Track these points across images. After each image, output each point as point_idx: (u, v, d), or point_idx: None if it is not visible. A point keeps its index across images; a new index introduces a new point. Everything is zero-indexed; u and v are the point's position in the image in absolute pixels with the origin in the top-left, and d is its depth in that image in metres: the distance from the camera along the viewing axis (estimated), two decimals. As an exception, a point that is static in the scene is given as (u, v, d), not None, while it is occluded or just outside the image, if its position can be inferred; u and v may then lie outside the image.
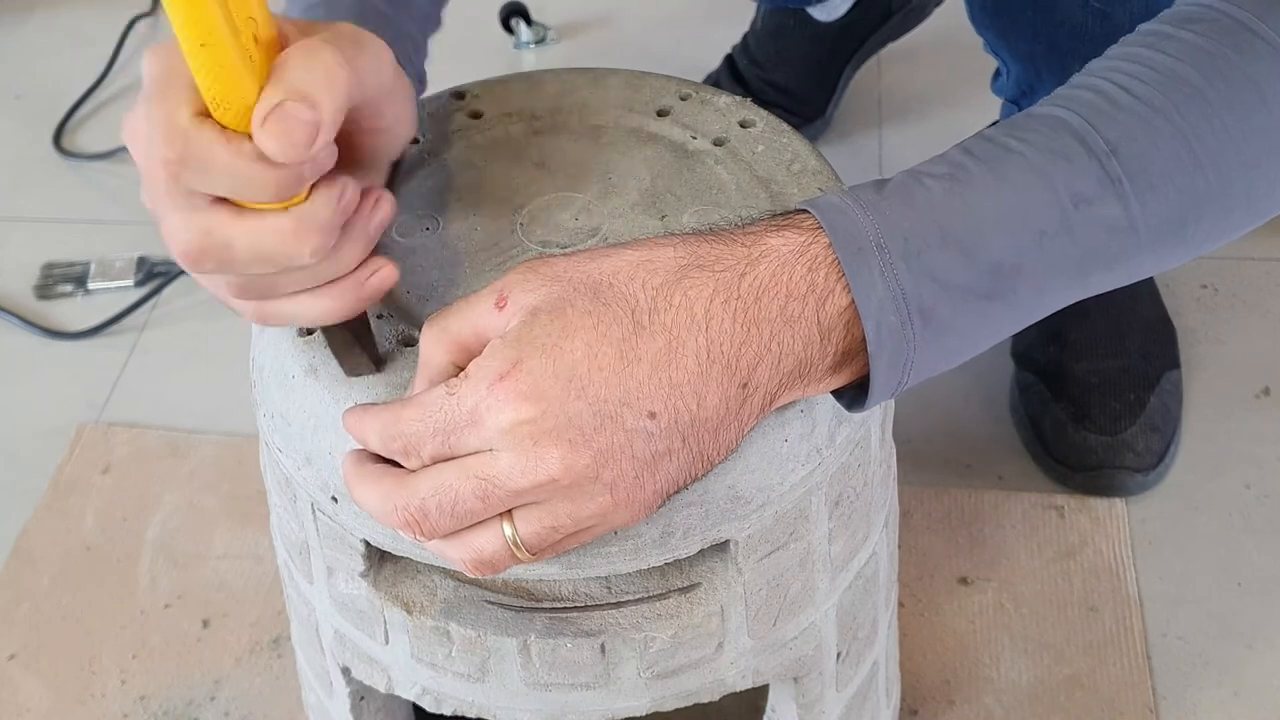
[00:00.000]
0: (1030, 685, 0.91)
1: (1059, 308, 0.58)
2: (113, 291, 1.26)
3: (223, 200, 0.53)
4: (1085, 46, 0.78)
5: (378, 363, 0.61)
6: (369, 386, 0.60)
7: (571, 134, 0.73)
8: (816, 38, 1.32)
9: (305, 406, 0.61)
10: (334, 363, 0.61)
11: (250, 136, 0.52)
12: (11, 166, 1.43)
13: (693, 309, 0.53)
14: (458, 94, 0.75)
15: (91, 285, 1.27)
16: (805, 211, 0.56)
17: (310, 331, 0.63)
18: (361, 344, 0.61)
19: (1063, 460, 1.03)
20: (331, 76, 0.53)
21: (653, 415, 0.53)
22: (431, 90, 0.75)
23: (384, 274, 0.58)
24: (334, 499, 0.62)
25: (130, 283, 1.27)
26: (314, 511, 0.64)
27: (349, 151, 0.58)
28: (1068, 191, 0.55)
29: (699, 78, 1.36)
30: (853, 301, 0.53)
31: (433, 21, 0.74)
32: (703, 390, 0.53)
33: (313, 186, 0.54)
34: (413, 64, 0.68)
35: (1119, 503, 1.01)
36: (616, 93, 0.74)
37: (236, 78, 0.51)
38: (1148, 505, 1.02)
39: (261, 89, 0.52)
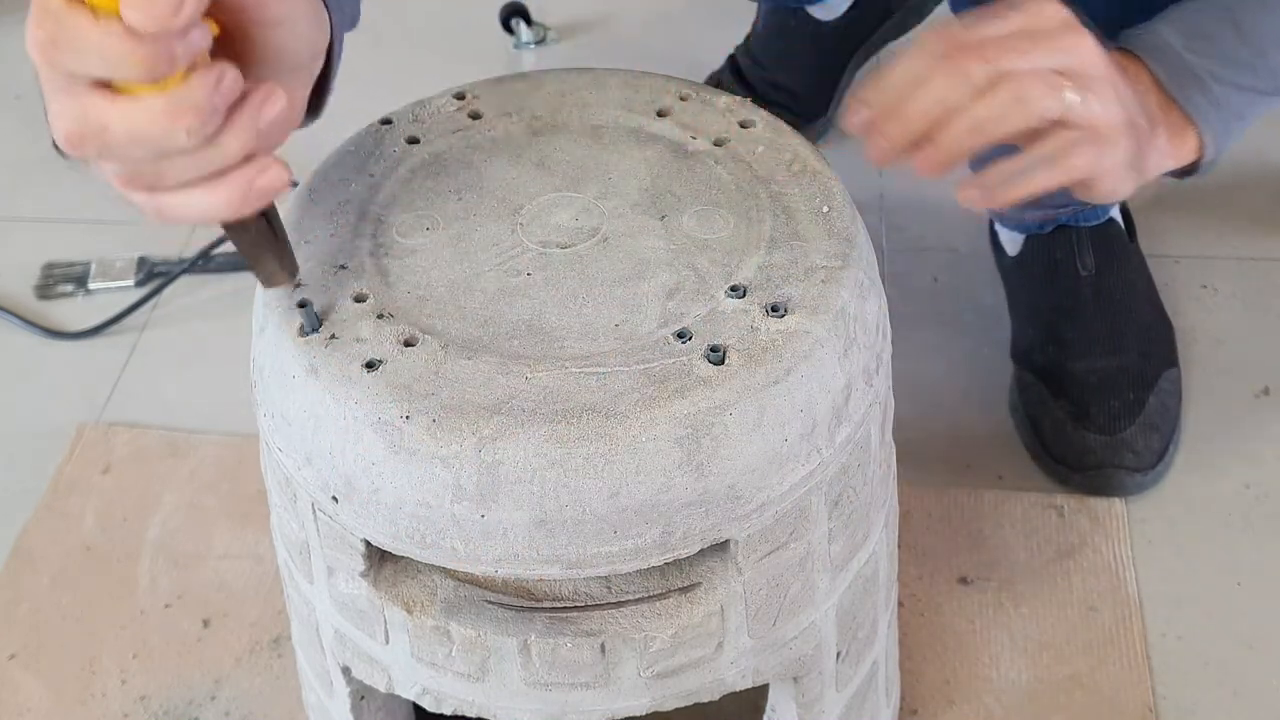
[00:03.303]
0: (1030, 685, 0.91)
1: None
2: (113, 291, 1.26)
3: (102, 84, 0.54)
4: None
5: (292, 271, 0.63)
6: (369, 387, 0.60)
7: (571, 134, 0.73)
8: (818, 37, 1.33)
9: (305, 406, 0.61)
10: (334, 362, 0.61)
11: (121, 17, 0.52)
12: (11, 166, 1.43)
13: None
14: (458, 94, 0.75)
15: (92, 285, 1.27)
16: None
17: (314, 330, 0.63)
18: (274, 251, 0.62)
19: (1062, 460, 1.03)
20: None
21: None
22: (431, 90, 0.75)
23: (274, 173, 0.58)
24: (334, 499, 0.62)
25: (130, 283, 1.26)
26: (314, 511, 0.64)
27: (241, 46, 0.58)
28: None
29: (699, 78, 1.36)
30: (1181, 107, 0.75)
31: None
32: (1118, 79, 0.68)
33: (193, 71, 0.54)
34: None
35: (1118, 502, 1.01)
36: (616, 93, 0.74)
37: None
38: (1147, 505, 1.02)
39: None
